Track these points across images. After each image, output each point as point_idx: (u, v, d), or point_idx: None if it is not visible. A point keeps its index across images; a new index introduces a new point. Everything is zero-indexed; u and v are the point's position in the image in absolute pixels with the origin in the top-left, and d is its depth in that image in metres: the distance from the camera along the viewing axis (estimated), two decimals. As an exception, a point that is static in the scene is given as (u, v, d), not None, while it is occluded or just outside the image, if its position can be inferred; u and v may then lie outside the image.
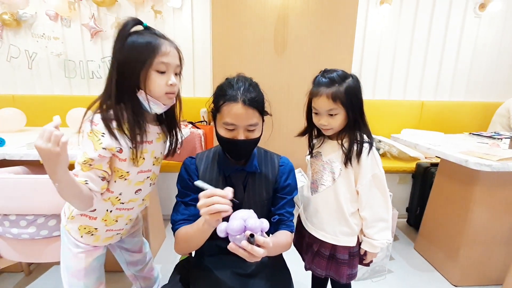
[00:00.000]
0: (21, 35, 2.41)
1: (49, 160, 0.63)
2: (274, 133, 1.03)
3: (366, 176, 0.89)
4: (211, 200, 0.67)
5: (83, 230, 0.86)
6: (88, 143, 0.73)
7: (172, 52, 0.77)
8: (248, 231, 0.65)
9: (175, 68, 0.79)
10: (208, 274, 0.87)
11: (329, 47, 1.86)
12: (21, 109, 2.43)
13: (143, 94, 0.76)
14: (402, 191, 2.24)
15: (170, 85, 0.77)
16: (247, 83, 0.82)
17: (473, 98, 2.66)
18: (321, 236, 0.97)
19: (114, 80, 0.74)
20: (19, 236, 1.05)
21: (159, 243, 1.88)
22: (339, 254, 0.97)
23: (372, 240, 0.92)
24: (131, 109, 0.76)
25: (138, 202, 0.91)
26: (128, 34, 0.74)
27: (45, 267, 1.64)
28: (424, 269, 1.72)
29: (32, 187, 0.98)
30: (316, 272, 1.01)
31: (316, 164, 0.99)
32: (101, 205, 0.83)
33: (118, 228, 0.92)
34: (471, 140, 1.74)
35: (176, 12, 2.41)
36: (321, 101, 0.87)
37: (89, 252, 0.89)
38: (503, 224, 1.48)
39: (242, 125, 0.80)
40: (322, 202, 0.96)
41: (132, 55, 0.73)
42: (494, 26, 2.53)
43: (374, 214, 0.91)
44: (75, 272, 0.89)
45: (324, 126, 0.90)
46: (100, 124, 0.74)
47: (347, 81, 0.86)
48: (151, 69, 0.74)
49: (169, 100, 0.80)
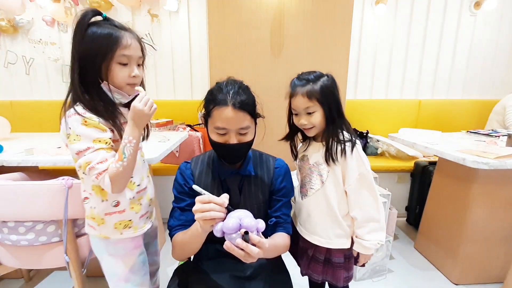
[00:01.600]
0: (18, 41, 2.42)
1: (140, 118, 0.76)
2: (271, 135, 1.03)
3: (352, 176, 0.89)
4: (207, 207, 0.67)
5: (120, 226, 0.87)
6: (91, 130, 0.75)
7: (133, 44, 0.78)
8: (243, 229, 0.65)
9: (137, 59, 0.80)
10: (206, 278, 0.87)
11: (325, 48, 1.86)
12: (19, 115, 2.45)
13: (107, 85, 0.77)
14: (401, 190, 2.24)
15: (133, 76, 0.79)
16: (236, 86, 0.82)
17: (470, 96, 2.67)
18: (316, 240, 0.96)
19: (76, 73, 0.76)
20: (18, 242, 1.05)
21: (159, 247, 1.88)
22: (335, 258, 0.96)
23: (363, 240, 0.91)
24: (98, 98, 0.78)
25: (146, 180, 0.94)
26: (88, 25, 0.75)
27: (45, 273, 1.64)
28: (424, 267, 1.72)
29: (30, 193, 0.98)
30: (312, 277, 1.01)
31: (304, 168, 0.99)
32: (122, 196, 0.85)
33: (145, 211, 0.94)
34: (469, 138, 1.74)
35: (172, 16, 2.41)
36: (297, 100, 0.90)
37: (130, 252, 0.92)
38: (502, 222, 1.48)
39: (233, 129, 0.80)
40: (313, 206, 0.96)
41: (92, 47, 0.74)
42: (490, 24, 2.54)
43: (364, 214, 0.90)
44: (122, 276, 0.92)
45: (305, 126, 0.91)
46: (87, 113, 0.75)
47: (321, 80, 0.89)
48: (113, 62, 0.75)
49: (132, 90, 0.81)
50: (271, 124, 0.98)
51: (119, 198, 0.85)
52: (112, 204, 0.84)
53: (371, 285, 1.57)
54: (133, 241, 0.92)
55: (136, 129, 0.77)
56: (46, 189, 0.99)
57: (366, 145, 2.41)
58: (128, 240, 0.91)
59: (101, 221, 0.86)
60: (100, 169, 0.74)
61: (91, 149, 0.74)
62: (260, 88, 0.88)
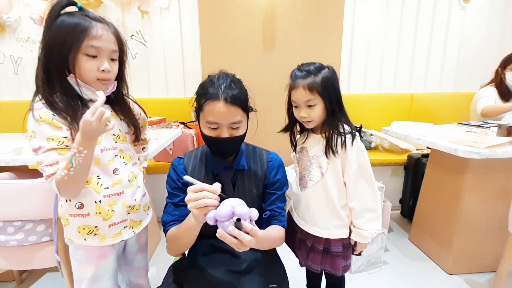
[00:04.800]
0: (6, 40, 2.36)
1: (88, 130, 0.67)
2: (264, 129, 1.03)
3: (352, 167, 0.90)
4: (199, 195, 0.66)
5: (83, 231, 0.80)
6: (45, 127, 0.70)
7: (105, 35, 0.73)
8: (236, 216, 0.65)
9: (110, 53, 0.75)
10: (201, 273, 0.86)
11: (318, 43, 1.86)
12: (8, 116, 2.40)
13: (73, 78, 0.72)
14: (395, 183, 2.26)
15: (102, 71, 0.73)
16: (228, 79, 0.80)
17: (461, 89, 2.70)
18: (315, 231, 0.97)
19: (41, 62, 0.72)
20: (7, 243, 1.02)
21: (154, 246, 1.87)
22: (334, 248, 0.97)
23: (361, 230, 0.93)
24: (61, 92, 0.73)
25: (125, 184, 0.84)
26: (58, 14, 0.71)
27: (37, 274, 1.61)
28: (419, 259, 1.74)
29: (18, 192, 0.96)
30: (311, 267, 1.01)
31: (303, 160, 0.99)
32: (86, 198, 0.78)
33: (120, 219, 0.84)
34: (460, 130, 1.76)
35: (163, 12, 2.38)
36: (298, 93, 0.89)
37: (92, 260, 0.84)
38: (494, 211, 1.50)
39: (225, 123, 0.79)
40: (313, 198, 0.96)
41: (59, 35, 0.70)
42: (479, 18, 2.57)
43: (362, 204, 0.92)
44: (79, 281, 0.85)
45: (304, 119, 0.91)
46: (44, 108, 0.71)
47: (322, 72, 0.88)
48: (80, 53, 0.70)
49: (103, 86, 0.76)
50: (263, 119, 0.98)
51: (82, 200, 0.78)
52: (75, 206, 0.79)
53: (367, 277, 1.59)
54: (99, 250, 0.84)
55: (86, 141, 0.68)
56: (35, 187, 0.97)
57: (360, 139, 2.42)
58: (92, 248, 0.83)
59: (66, 221, 0.81)
60: (48, 172, 0.70)
61: (42, 148, 0.70)
62: (253, 83, 0.86)
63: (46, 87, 0.73)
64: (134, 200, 0.88)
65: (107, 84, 0.77)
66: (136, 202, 0.88)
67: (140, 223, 0.92)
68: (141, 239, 0.99)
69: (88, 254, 0.84)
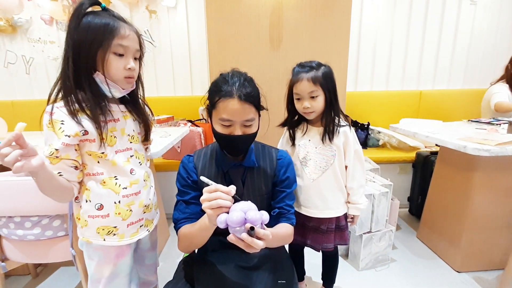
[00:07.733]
0: (17, 40, 2.41)
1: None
2: (272, 127, 1.04)
3: (351, 152, 1.07)
4: (214, 195, 0.67)
5: (103, 232, 0.82)
6: (50, 134, 0.72)
7: (131, 35, 0.75)
8: (249, 224, 0.65)
9: (134, 52, 0.78)
10: (211, 269, 0.88)
11: (325, 40, 1.85)
12: (20, 115, 2.46)
13: (101, 76, 0.74)
14: (403, 181, 2.24)
15: (129, 69, 0.75)
16: (242, 78, 0.82)
17: (471, 86, 2.65)
18: (328, 214, 1.09)
19: (70, 61, 0.73)
20: (25, 237, 1.06)
21: (163, 241, 1.90)
22: (342, 222, 1.13)
23: (359, 204, 1.11)
24: (89, 90, 0.74)
25: (141, 184, 0.87)
26: (84, 13, 0.72)
27: (52, 268, 1.66)
28: (427, 256, 1.73)
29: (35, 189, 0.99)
30: (327, 248, 1.13)
31: (310, 153, 1.07)
32: (105, 199, 0.80)
33: (137, 218, 0.87)
34: (470, 127, 1.74)
35: (171, 11, 2.40)
36: (302, 85, 0.99)
37: (111, 260, 0.86)
38: (504, 209, 1.49)
39: (238, 121, 0.80)
40: (324, 184, 1.07)
41: (89, 35, 0.71)
42: (490, 13, 2.51)
43: (358, 183, 1.09)
44: (100, 280, 0.87)
45: (307, 109, 1.01)
46: (58, 112, 0.72)
47: (322, 68, 1.01)
48: (109, 51, 0.72)
49: (128, 84, 0.78)
50: (271, 116, 0.99)
51: (102, 201, 0.80)
52: (95, 207, 0.80)
53: (374, 274, 1.59)
54: (117, 249, 0.86)
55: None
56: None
57: (368, 137, 2.41)
58: (111, 248, 0.85)
59: (84, 223, 0.82)
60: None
61: (44, 151, 0.73)
62: (260, 81, 0.87)
63: (74, 85, 0.74)
64: (149, 199, 0.91)
65: (132, 82, 0.80)
66: (150, 202, 0.91)
67: (152, 221, 0.95)
68: (152, 237, 1.02)
69: (106, 254, 0.86)
